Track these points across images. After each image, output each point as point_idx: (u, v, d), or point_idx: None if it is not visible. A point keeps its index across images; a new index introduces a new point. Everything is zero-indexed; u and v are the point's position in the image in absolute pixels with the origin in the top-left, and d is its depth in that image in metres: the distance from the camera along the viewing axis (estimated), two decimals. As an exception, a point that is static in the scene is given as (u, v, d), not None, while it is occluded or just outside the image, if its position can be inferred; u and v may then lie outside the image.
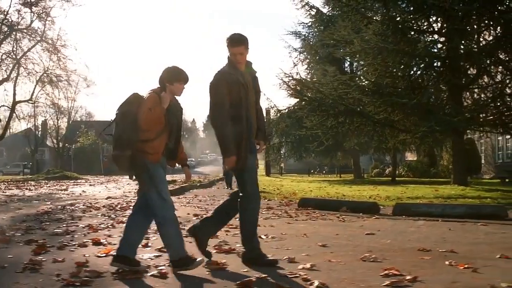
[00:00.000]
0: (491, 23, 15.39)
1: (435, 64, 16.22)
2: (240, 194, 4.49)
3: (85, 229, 6.92)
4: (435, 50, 16.26)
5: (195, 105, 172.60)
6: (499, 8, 15.45)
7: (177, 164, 4.57)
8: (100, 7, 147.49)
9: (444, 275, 3.91)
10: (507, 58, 15.73)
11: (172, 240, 4.16)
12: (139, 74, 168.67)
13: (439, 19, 16.00)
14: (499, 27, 15.45)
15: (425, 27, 16.76)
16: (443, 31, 15.92)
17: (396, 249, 5.19)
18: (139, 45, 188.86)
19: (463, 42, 15.97)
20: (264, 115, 6.19)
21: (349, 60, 27.20)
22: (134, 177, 37.16)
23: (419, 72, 17.09)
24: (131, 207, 10.92)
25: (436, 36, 17.02)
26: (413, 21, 16.34)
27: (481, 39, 16.34)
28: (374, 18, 16.11)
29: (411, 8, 15.93)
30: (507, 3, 14.99)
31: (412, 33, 16.42)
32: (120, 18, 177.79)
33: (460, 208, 8.38)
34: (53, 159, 58.25)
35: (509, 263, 4.37)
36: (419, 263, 4.39)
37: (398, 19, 16.03)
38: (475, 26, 15.53)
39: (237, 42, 4.38)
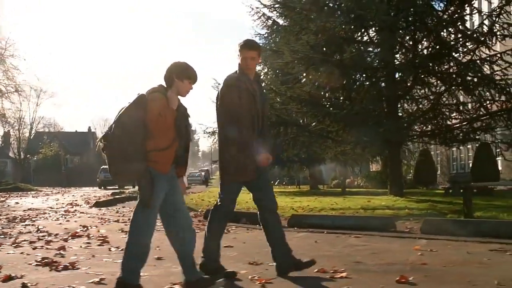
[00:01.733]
0: (422, 35, 15.42)
1: (369, 75, 16.17)
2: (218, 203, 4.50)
3: None
4: (368, 61, 16.26)
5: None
6: (433, 20, 15.50)
7: None
8: (56, 9, 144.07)
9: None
10: (440, 70, 15.77)
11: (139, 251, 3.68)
12: (100, 78, 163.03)
13: (372, 29, 16.02)
14: (431, 39, 15.49)
15: (366, 38, 16.78)
16: (375, 41, 15.96)
17: (230, 262, 5.01)
18: (98, 47, 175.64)
19: (398, 53, 16.05)
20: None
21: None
22: (102, 187, 36.11)
23: (357, 83, 17.06)
24: (33, 219, 10.67)
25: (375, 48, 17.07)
26: (349, 33, 16.34)
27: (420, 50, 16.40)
28: (310, 28, 16.03)
29: (345, 20, 15.89)
30: (437, 16, 15.03)
31: (348, 44, 16.38)
32: (76, 20, 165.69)
33: (351, 220, 8.32)
34: (15, 170, 57.22)
35: (314, 279, 4.21)
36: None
37: (337, 29, 16.00)
38: (407, 37, 15.58)
39: (251, 47, 4.41)
